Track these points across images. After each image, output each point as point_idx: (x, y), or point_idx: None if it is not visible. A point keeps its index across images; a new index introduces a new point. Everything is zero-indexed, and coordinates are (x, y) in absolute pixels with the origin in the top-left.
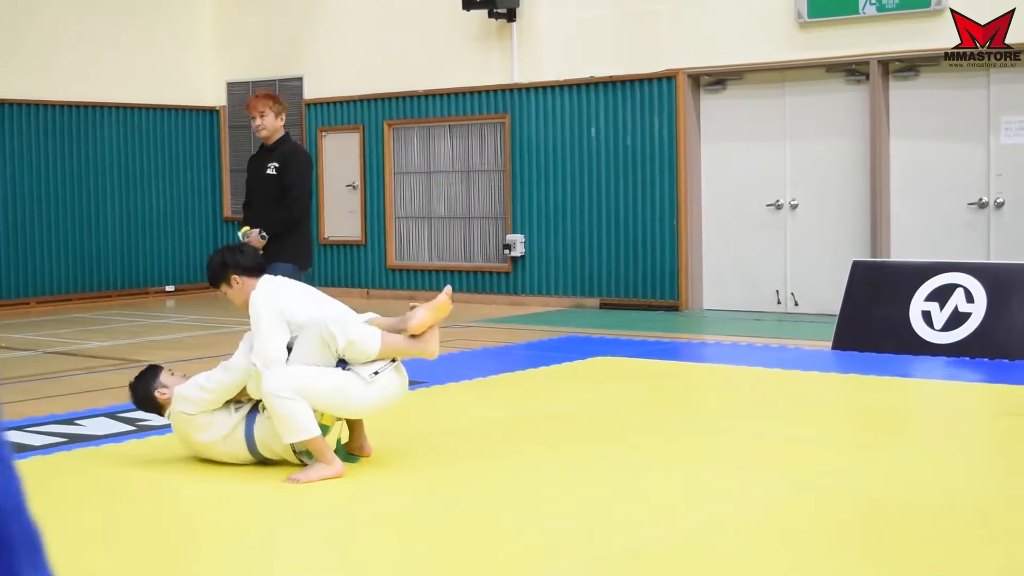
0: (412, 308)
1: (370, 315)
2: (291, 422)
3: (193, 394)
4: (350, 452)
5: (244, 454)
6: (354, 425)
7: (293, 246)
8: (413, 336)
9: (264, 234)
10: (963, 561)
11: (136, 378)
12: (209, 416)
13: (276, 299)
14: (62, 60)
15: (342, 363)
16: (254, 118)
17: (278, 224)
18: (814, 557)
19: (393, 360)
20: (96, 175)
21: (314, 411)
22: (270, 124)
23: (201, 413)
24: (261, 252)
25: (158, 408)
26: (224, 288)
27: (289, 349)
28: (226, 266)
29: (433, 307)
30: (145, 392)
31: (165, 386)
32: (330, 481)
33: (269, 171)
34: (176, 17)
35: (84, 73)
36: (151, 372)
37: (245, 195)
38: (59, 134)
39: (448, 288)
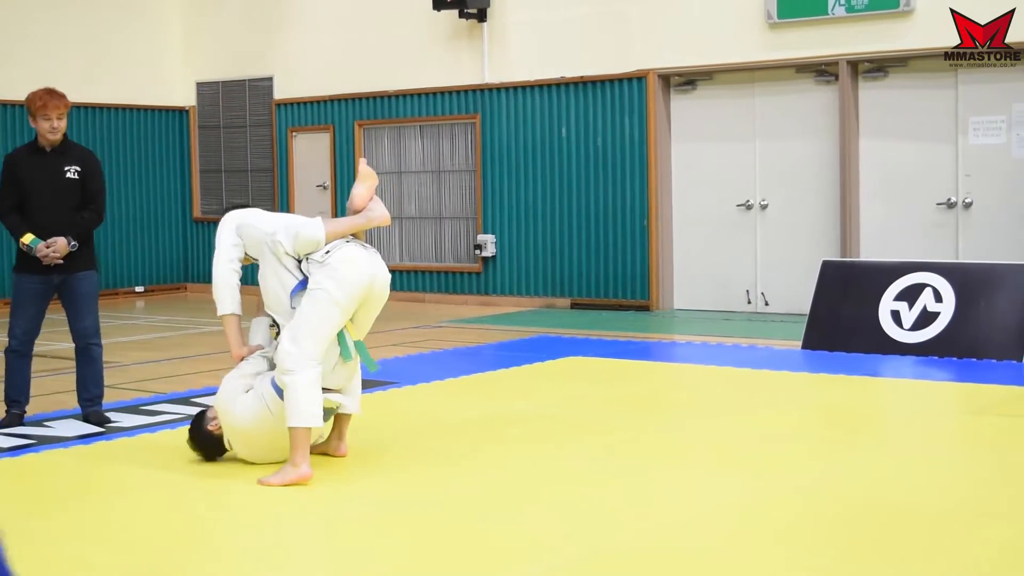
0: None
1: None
2: (298, 403)
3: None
4: (325, 452)
5: (278, 405)
6: (339, 422)
7: (92, 252)
8: (357, 213)
9: (75, 242)
10: (932, 558)
11: (192, 430)
12: (240, 398)
13: (238, 219)
14: (29, 59)
15: (303, 282)
16: (50, 119)
17: (87, 231)
18: (786, 555)
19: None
20: None
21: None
22: (65, 126)
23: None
24: (61, 261)
25: (219, 441)
26: None
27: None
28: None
29: (360, 179)
30: (202, 434)
31: (213, 418)
32: (303, 482)
33: (69, 175)
34: (145, 16)
35: (52, 72)
36: (198, 418)
37: (11, 198)
38: (27, 134)
39: (363, 159)
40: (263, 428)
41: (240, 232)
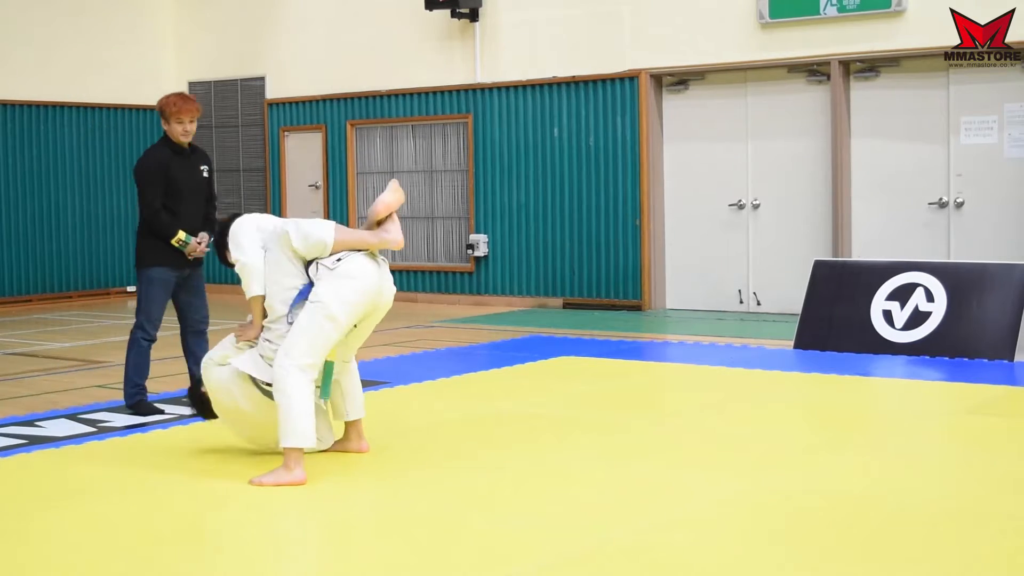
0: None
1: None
2: (289, 421)
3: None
4: (345, 450)
5: (241, 387)
6: (352, 424)
7: None
8: (376, 227)
9: (212, 236)
10: (924, 558)
11: (191, 390)
12: (214, 369)
13: (254, 219)
14: (21, 58)
15: (306, 289)
16: (183, 122)
17: (213, 225)
18: (776, 555)
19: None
20: (56, 175)
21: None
22: (195, 129)
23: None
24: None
25: (210, 403)
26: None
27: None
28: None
29: (390, 189)
30: (198, 396)
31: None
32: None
33: (204, 174)
34: (137, 15)
35: (44, 71)
36: (196, 382)
37: (159, 198)
38: (18, 133)
39: (394, 181)
40: (233, 401)
41: (259, 228)
